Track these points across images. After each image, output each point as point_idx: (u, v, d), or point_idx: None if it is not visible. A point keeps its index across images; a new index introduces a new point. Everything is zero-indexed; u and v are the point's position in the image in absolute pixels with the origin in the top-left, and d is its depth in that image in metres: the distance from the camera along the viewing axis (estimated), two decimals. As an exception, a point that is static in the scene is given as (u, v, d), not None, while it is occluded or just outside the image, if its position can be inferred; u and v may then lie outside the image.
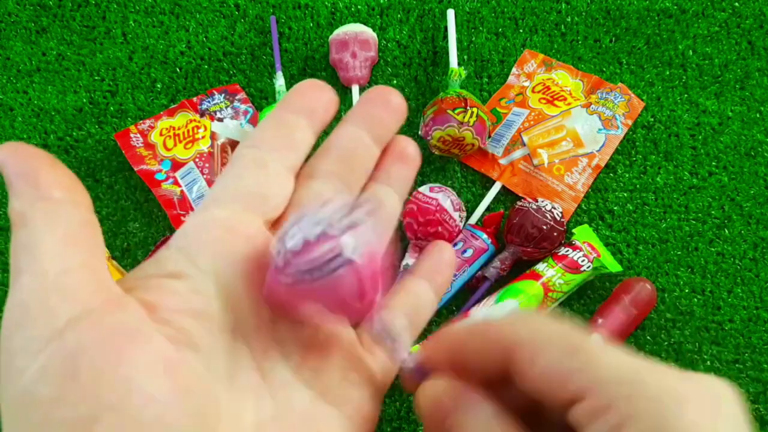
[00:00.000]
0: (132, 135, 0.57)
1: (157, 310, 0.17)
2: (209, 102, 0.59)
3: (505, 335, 0.18)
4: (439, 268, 0.25)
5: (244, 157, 0.21)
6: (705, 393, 0.15)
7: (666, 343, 0.52)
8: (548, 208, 0.52)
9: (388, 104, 0.23)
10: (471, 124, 0.53)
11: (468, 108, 0.53)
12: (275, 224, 0.21)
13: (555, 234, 0.51)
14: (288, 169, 0.21)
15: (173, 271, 0.18)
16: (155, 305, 0.17)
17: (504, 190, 0.56)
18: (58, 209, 0.17)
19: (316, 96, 0.22)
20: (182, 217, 0.54)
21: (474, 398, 0.18)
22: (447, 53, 0.59)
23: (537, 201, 0.53)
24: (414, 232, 0.52)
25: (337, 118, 0.23)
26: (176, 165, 0.56)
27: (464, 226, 0.54)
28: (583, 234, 0.53)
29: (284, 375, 0.20)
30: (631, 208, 0.56)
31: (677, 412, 0.15)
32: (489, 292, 0.52)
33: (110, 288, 0.17)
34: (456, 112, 0.53)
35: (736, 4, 0.63)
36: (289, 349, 0.20)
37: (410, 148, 0.24)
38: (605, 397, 0.15)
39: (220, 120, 0.58)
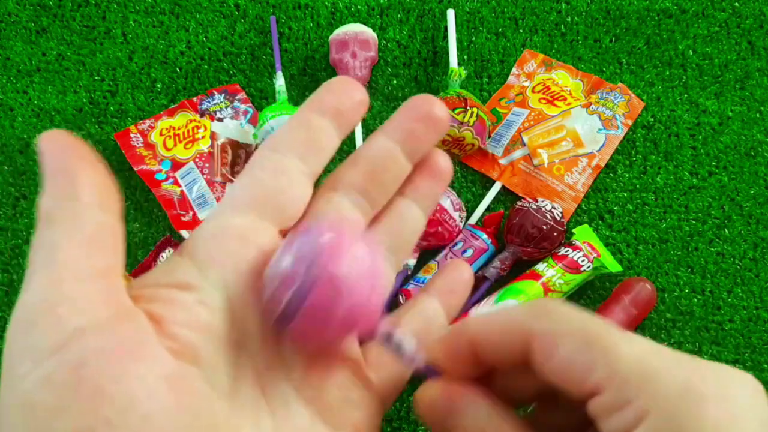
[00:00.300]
0: (132, 135, 0.57)
1: (163, 323, 0.17)
2: (209, 102, 0.59)
3: (523, 325, 0.17)
4: (454, 288, 0.24)
5: (264, 161, 0.21)
6: (726, 389, 0.15)
7: (666, 343, 0.52)
8: (548, 208, 0.52)
9: (429, 117, 0.21)
10: (471, 124, 0.53)
11: (468, 108, 0.53)
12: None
13: (555, 234, 0.51)
14: (308, 176, 0.21)
15: (182, 282, 0.18)
16: (162, 318, 0.17)
17: (504, 190, 0.57)
18: (85, 212, 0.17)
19: (345, 95, 0.21)
20: (182, 218, 0.54)
21: (469, 397, 0.19)
22: (447, 53, 0.59)
23: (537, 201, 0.53)
24: (414, 232, 0.52)
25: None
26: (176, 165, 0.56)
27: (464, 226, 0.54)
28: (583, 234, 0.53)
29: (285, 392, 0.19)
30: (631, 208, 0.56)
31: (696, 410, 0.14)
32: (489, 292, 0.52)
33: (121, 299, 0.17)
34: (456, 112, 0.53)
35: (736, 4, 0.63)
36: (292, 366, 0.20)
37: (443, 162, 0.23)
38: (623, 392, 0.15)
39: (220, 120, 0.58)
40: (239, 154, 0.57)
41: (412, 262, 0.53)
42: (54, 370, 0.15)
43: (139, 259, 0.54)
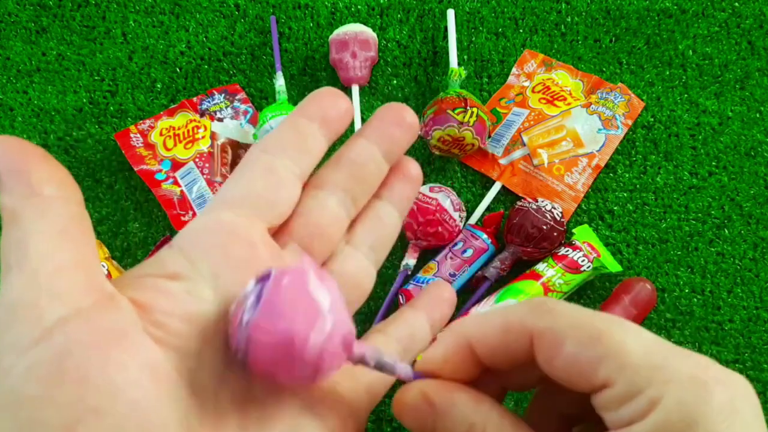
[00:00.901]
0: (132, 135, 0.57)
1: (149, 311, 0.17)
2: (209, 102, 0.59)
3: (524, 324, 0.18)
4: (437, 305, 0.25)
5: (255, 161, 0.21)
6: (727, 378, 0.16)
7: (666, 343, 0.52)
8: (548, 208, 0.52)
9: (402, 122, 0.23)
10: (471, 124, 0.53)
11: (468, 108, 0.53)
12: (279, 231, 0.22)
13: (555, 234, 0.51)
14: (297, 176, 0.21)
15: (171, 272, 0.18)
16: (148, 306, 0.17)
17: (504, 190, 0.56)
18: (49, 206, 0.17)
19: (332, 104, 0.22)
20: (182, 217, 0.54)
21: (457, 395, 0.19)
22: (447, 53, 0.59)
23: (537, 201, 0.52)
24: (414, 232, 0.52)
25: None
26: (176, 165, 0.56)
27: (464, 226, 0.54)
28: (583, 234, 0.53)
29: (274, 384, 0.19)
30: (631, 208, 0.56)
31: (704, 398, 0.15)
32: (489, 292, 0.52)
33: (102, 286, 0.17)
34: (456, 112, 0.53)
35: (736, 4, 0.63)
36: None
37: (414, 169, 0.24)
38: (634, 383, 0.16)
39: (220, 120, 0.58)
40: (239, 154, 0.57)
41: (412, 262, 0.53)
42: (38, 361, 0.15)
43: (139, 259, 0.54)
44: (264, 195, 0.21)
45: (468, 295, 0.52)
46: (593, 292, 0.53)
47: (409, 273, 0.53)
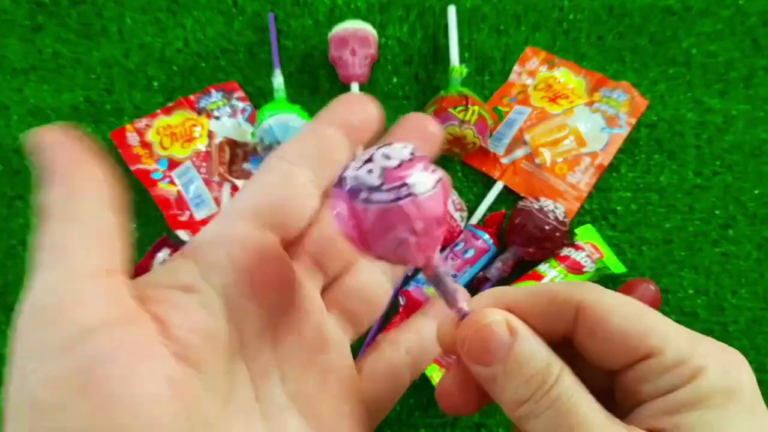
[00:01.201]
0: (128, 134, 0.56)
1: (167, 325, 0.17)
2: (206, 100, 0.58)
3: (572, 297, 0.18)
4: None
5: (273, 169, 0.20)
6: (745, 361, 0.18)
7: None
8: (550, 208, 0.51)
9: (424, 132, 0.22)
10: (472, 122, 0.52)
11: (469, 106, 0.52)
12: (294, 243, 0.21)
13: (557, 234, 0.50)
14: (317, 186, 0.21)
15: (185, 284, 0.18)
16: (166, 321, 0.17)
17: (506, 189, 0.56)
18: (88, 210, 0.17)
19: (357, 111, 0.21)
20: (179, 217, 0.53)
21: (533, 332, 0.18)
22: (448, 51, 0.58)
23: (539, 201, 0.52)
24: (414, 233, 0.51)
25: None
26: (173, 164, 0.55)
27: (465, 226, 0.54)
28: (586, 234, 0.52)
29: (280, 399, 0.19)
30: (634, 207, 0.55)
31: (738, 369, 0.17)
32: (490, 294, 0.51)
33: (126, 299, 0.17)
34: (457, 110, 0.52)
35: (740, 1, 0.62)
36: (288, 373, 0.20)
37: None
38: (680, 352, 0.17)
39: (218, 118, 0.57)
40: (237, 153, 0.56)
41: (413, 262, 0.52)
42: (60, 371, 0.15)
43: (136, 260, 0.53)
44: (280, 206, 0.20)
45: (470, 296, 0.52)
46: (596, 293, 0.53)
47: (410, 274, 0.52)
